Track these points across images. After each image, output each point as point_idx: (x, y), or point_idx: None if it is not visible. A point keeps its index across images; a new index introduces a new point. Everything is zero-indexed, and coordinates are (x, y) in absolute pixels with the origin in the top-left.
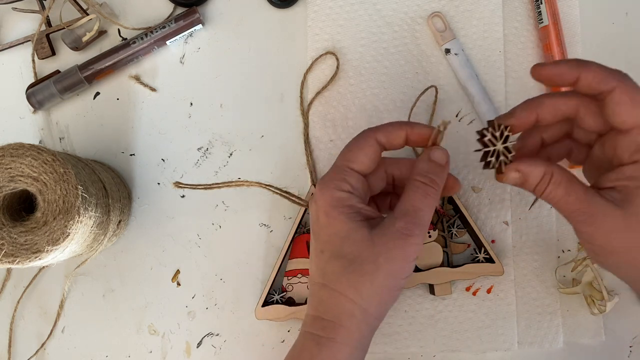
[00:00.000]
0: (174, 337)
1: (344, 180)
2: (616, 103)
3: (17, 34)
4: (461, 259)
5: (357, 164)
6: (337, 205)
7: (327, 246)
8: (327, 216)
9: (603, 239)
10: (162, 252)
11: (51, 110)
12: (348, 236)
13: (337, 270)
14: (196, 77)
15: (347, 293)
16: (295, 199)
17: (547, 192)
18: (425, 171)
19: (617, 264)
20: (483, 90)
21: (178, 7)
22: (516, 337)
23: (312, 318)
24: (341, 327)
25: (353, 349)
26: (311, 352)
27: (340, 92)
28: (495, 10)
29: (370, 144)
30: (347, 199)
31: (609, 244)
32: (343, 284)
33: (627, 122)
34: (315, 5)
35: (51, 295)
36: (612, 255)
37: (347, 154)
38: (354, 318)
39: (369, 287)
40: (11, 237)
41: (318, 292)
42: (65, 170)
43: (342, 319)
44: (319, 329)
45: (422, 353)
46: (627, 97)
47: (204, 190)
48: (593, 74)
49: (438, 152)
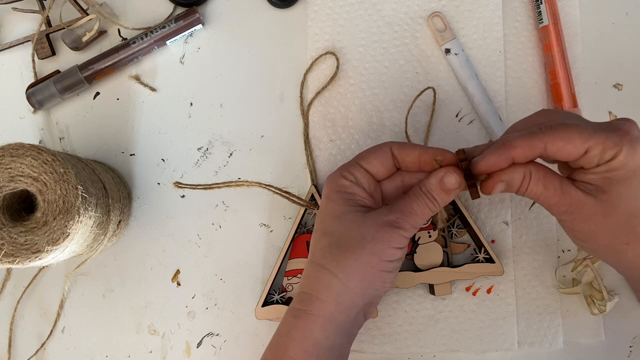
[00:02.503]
0: (174, 337)
1: (349, 171)
2: (555, 152)
3: (17, 34)
4: (461, 259)
5: (365, 163)
6: (337, 190)
7: (319, 225)
8: (327, 199)
9: (582, 225)
10: (162, 252)
11: (51, 110)
12: (340, 217)
13: (323, 246)
14: (196, 77)
15: (329, 266)
16: (295, 199)
17: (529, 190)
18: (433, 187)
19: (597, 248)
20: (483, 90)
21: (178, 7)
22: (516, 337)
23: (296, 294)
24: (317, 299)
25: (327, 322)
26: (289, 324)
27: (340, 92)
28: (495, 10)
29: (384, 151)
30: (348, 186)
31: (588, 229)
32: (327, 258)
33: (573, 154)
34: (315, 5)
35: (51, 295)
36: (592, 239)
37: (360, 154)
38: (331, 290)
39: (353, 262)
40: (11, 237)
41: (306, 268)
42: (65, 170)
43: (319, 291)
44: (298, 302)
45: (422, 353)
46: (559, 143)
47: (204, 190)
48: (521, 149)
49: (452, 180)
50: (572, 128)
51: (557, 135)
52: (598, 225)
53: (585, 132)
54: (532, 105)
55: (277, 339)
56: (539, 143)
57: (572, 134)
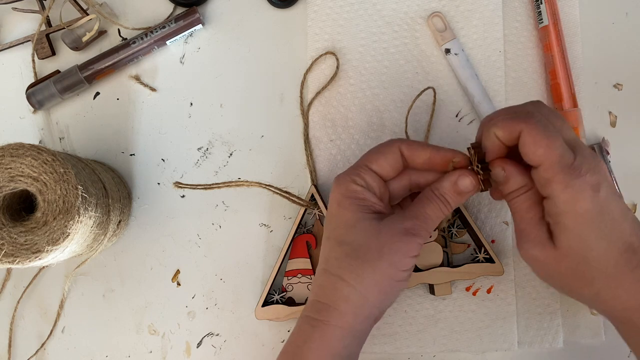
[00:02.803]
0: (174, 337)
1: (359, 175)
2: (522, 144)
3: (17, 34)
4: (461, 259)
5: (375, 165)
6: (349, 196)
7: (333, 233)
8: (338, 205)
9: (539, 266)
10: (162, 252)
11: (51, 110)
12: (355, 225)
13: (339, 256)
14: (196, 77)
15: (347, 277)
16: (295, 199)
17: (515, 200)
18: (446, 191)
19: (558, 287)
20: (483, 90)
21: (178, 7)
22: (516, 337)
23: (310, 302)
24: (335, 310)
25: (346, 333)
26: (305, 334)
27: (340, 92)
28: (495, 10)
29: (392, 151)
30: (360, 191)
31: (545, 271)
32: (344, 269)
33: (533, 160)
34: (315, 5)
35: (51, 295)
36: (551, 281)
37: (368, 156)
38: (350, 302)
39: (371, 274)
40: (11, 237)
41: (319, 277)
42: (65, 170)
43: (337, 302)
44: (314, 311)
45: (422, 353)
46: (530, 138)
47: (204, 190)
48: (501, 129)
49: (467, 183)
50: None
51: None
52: (553, 268)
53: (550, 146)
54: None
55: (292, 348)
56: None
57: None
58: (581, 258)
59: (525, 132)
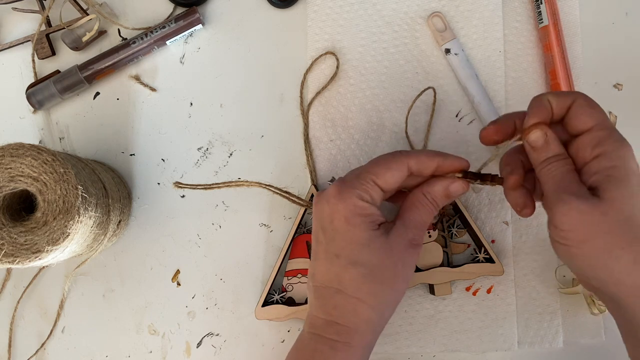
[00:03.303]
0: (174, 337)
1: (366, 191)
2: (578, 107)
3: (17, 34)
4: (461, 259)
5: (381, 181)
6: (358, 213)
7: (344, 252)
8: (346, 222)
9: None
10: (162, 252)
11: (51, 110)
12: (368, 244)
13: (356, 277)
14: (196, 77)
15: (367, 300)
16: (295, 199)
17: (553, 165)
18: (437, 194)
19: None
20: (483, 90)
21: (178, 7)
22: (516, 337)
23: (324, 322)
24: (356, 333)
25: (366, 350)
26: (325, 356)
27: (340, 92)
28: (495, 10)
29: (400, 168)
30: (367, 208)
31: (583, 227)
32: (363, 291)
33: (587, 122)
34: (315, 5)
35: (51, 295)
36: (585, 242)
37: (375, 168)
38: (370, 323)
39: (389, 293)
40: (11, 237)
41: (332, 297)
42: (65, 170)
43: (358, 325)
44: (333, 333)
45: (422, 353)
46: (585, 102)
47: (204, 190)
48: (555, 97)
49: (456, 187)
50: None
51: (582, 101)
52: (595, 223)
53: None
54: None
55: None
56: (569, 97)
57: (594, 107)
58: (629, 213)
59: (579, 101)
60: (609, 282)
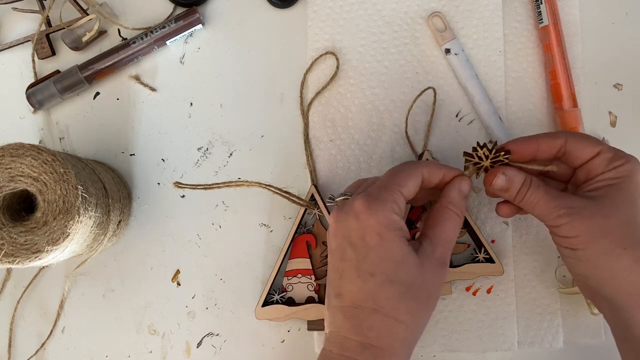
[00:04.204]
0: (174, 337)
1: (396, 202)
2: (572, 148)
3: (17, 34)
4: (461, 259)
5: (405, 190)
6: (392, 227)
7: (379, 269)
8: (380, 238)
9: (581, 227)
10: (162, 252)
11: (51, 110)
12: (403, 261)
13: (393, 296)
14: (196, 77)
15: (404, 319)
16: (295, 199)
17: (529, 194)
18: (457, 201)
19: (592, 255)
20: (483, 90)
21: (178, 7)
22: (516, 337)
23: (359, 345)
24: (393, 355)
25: None
26: None
27: (340, 92)
28: (495, 10)
29: (417, 175)
30: (399, 221)
31: (587, 231)
32: (400, 311)
33: (593, 150)
34: (315, 5)
35: (51, 295)
36: (588, 244)
37: (397, 178)
38: (407, 345)
39: (425, 312)
40: (11, 237)
41: (368, 317)
42: (65, 170)
43: (394, 347)
44: (369, 356)
45: (422, 353)
46: (579, 139)
47: (204, 190)
48: (545, 138)
49: (466, 185)
50: (589, 136)
51: (577, 134)
52: (598, 225)
53: (600, 141)
54: (532, 105)
55: None
56: (561, 136)
57: (590, 137)
58: (630, 217)
59: (571, 139)
60: (609, 281)
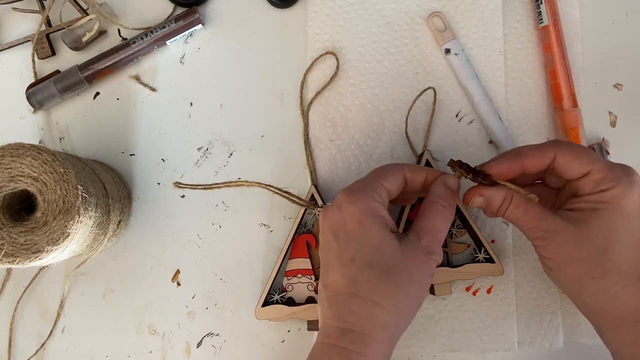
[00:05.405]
0: (174, 337)
1: (376, 192)
2: (562, 163)
3: (17, 34)
4: (461, 259)
5: (387, 183)
6: (371, 214)
7: (358, 254)
8: (360, 224)
9: (554, 252)
10: (162, 252)
11: (51, 110)
12: (381, 246)
13: (371, 279)
14: (196, 77)
15: (383, 302)
16: (295, 199)
17: (508, 212)
18: (444, 195)
19: (563, 278)
20: (483, 90)
21: (178, 7)
22: (516, 337)
23: (338, 330)
24: (372, 341)
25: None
26: None
27: (340, 92)
28: (495, 10)
29: (398, 171)
30: (379, 209)
31: (560, 256)
32: (379, 294)
33: (577, 171)
34: (315, 5)
35: (51, 295)
36: (560, 268)
37: (379, 172)
38: (387, 330)
39: (405, 298)
40: (11, 237)
41: (347, 301)
42: (65, 170)
43: (374, 332)
44: (348, 342)
45: (422, 353)
46: (569, 154)
47: (204, 190)
48: (532, 158)
49: (452, 180)
50: (582, 148)
51: (567, 149)
52: (570, 253)
53: (592, 156)
54: (532, 105)
55: None
56: (549, 152)
57: (581, 152)
58: (604, 247)
59: (561, 156)
60: (579, 303)
